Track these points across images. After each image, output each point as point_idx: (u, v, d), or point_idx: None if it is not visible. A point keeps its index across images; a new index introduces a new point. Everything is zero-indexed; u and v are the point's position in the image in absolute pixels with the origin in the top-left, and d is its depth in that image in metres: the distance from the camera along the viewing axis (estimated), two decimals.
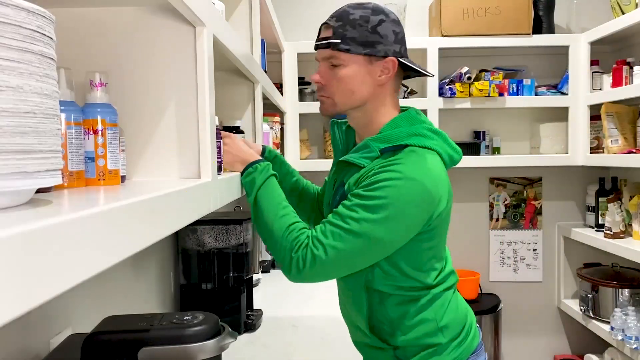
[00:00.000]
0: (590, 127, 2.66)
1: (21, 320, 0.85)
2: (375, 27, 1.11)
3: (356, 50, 1.11)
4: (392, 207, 1.03)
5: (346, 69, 1.13)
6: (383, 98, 1.17)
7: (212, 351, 0.84)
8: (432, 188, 1.05)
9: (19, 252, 0.33)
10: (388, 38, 1.12)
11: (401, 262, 1.11)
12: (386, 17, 1.13)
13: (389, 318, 1.14)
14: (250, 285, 1.77)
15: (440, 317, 1.15)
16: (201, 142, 0.87)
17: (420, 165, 1.06)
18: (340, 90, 1.15)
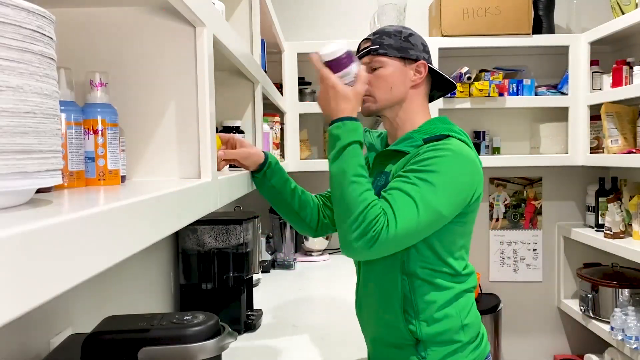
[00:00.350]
0: (590, 127, 2.66)
1: (21, 320, 0.85)
2: (407, 37, 1.30)
3: (392, 54, 1.28)
4: (448, 180, 1.13)
5: (384, 69, 1.28)
6: (416, 99, 1.31)
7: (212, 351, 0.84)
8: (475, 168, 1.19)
9: (19, 252, 0.33)
10: (418, 46, 1.31)
11: (436, 244, 1.19)
12: (415, 33, 1.33)
13: (417, 308, 1.20)
14: (250, 285, 1.77)
15: (465, 316, 1.22)
16: (201, 142, 0.87)
17: (463, 147, 1.19)
18: (380, 87, 1.29)
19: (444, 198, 1.12)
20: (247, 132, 1.54)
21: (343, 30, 2.96)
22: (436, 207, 1.11)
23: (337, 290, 2.16)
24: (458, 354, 1.20)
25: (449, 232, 1.20)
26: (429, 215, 1.11)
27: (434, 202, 1.11)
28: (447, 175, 1.13)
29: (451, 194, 1.13)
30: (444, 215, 1.13)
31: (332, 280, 2.36)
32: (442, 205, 1.12)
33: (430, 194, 1.11)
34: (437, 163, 1.14)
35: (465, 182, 1.16)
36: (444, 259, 1.20)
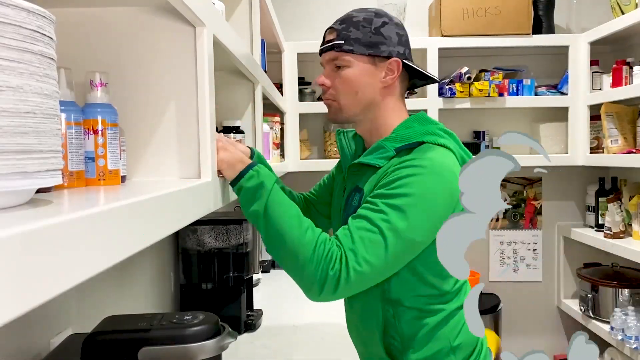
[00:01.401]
0: (590, 127, 2.66)
1: (21, 320, 0.85)
2: (378, 29, 1.11)
3: (359, 51, 1.11)
4: (421, 202, 0.99)
5: (350, 70, 1.12)
6: (389, 102, 1.15)
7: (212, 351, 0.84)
8: (453, 182, 1.01)
9: (19, 252, 0.33)
10: (392, 39, 1.12)
11: (420, 268, 1.07)
12: (389, 20, 1.14)
13: (402, 334, 1.10)
14: (250, 285, 1.77)
15: (454, 337, 1.10)
16: (201, 142, 0.87)
17: (439, 161, 1.04)
18: (344, 91, 1.13)
19: (417, 224, 0.99)
20: (247, 132, 1.54)
21: None
22: (408, 235, 0.98)
23: None
24: None
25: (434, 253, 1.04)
26: (400, 246, 0.98)
27: (405, 230, 0.98)
28: (420, 198, 0.99)
29: (425, 218, 1.00)
30: (418, 242, 1.01)
31: None
32: (415, 233, 0.99)
33: (400, 222, 0.98)
34: (407, 184, 1.00)
35: (443, 202, 1.01)
36: (429, 281, 1.08)
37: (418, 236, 1.00)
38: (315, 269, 0.95)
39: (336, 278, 0.95)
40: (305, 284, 0.98)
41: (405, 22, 2.79)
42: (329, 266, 0.95)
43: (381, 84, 1.13)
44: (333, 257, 0.96)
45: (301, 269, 0.96)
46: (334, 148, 2.82)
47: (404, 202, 0.99)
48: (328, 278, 0.95)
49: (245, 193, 0.98)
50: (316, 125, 2.96)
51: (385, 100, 1.15)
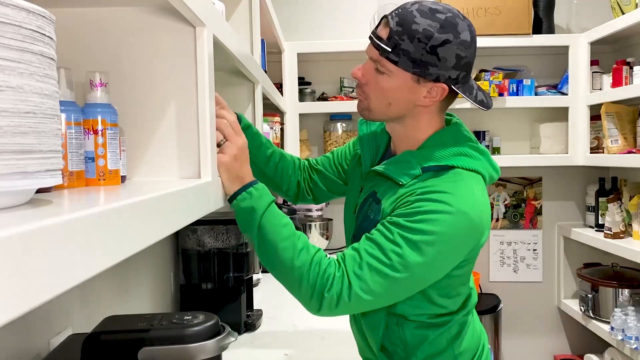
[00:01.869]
0: (590, 127, 2.66)
1: (21, 320, 0.85)
2: (435, 48, 0.97)
3: (404, 66, 0.99)
4: (440, 244, 0.94)
5: (389, 80, 1.02)
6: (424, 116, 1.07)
7: (212, 351, 0.84)
8: (478, 221, 0.98)
9: (18, 252, 0.33)
10: (446, 62, 0.98)
11: (429, 289, 1.03)
12: (454, 38, 0.98)
13: (405, 342, 1.07)
14: (250, 285, 1.77)
15: (458, 345, 1.09)
16: (201, 142, 0.87)
17: (468, 196, 0.97)
18: (377, 97, 1.05)
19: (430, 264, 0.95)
20: None
21: (343, 30, 2.96)
22: (419, 272, 0.95)
23: None
24: None
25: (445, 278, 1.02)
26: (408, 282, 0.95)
27: (417, 268, 0.94)
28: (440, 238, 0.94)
29: (441, 259, 0.96)
30: (428, 279, 0.98)
31: None
32: (428, 271, 0.96)
33: (413, 259, 0.93)
34: (429, 221, 0.93)
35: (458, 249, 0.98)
36: (436, 302, 1.05)
37: (428, 275, 0.97)
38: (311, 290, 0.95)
39: (335, 298, 0.94)
40: (303, 302, 0.99)
41: None
42: (324, 288, 0.95)
43: (418, 103, 1.04)
44: (330, 278, 0.95)
45: (297, 288, 0.97)
46: (334, 148, 2.82)
47: (421, 239, 0.93)
48: (324, 299, 0.95)
49: (240, 213, 0.97)
50: (316, 125, 2.96)
51: (420, 116, 1.07)
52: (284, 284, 1.00)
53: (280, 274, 0.98)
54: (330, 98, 2.83)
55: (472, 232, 0.98)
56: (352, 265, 0.96)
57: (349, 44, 2.71)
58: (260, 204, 0.96)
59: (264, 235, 0.95)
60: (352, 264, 0.96)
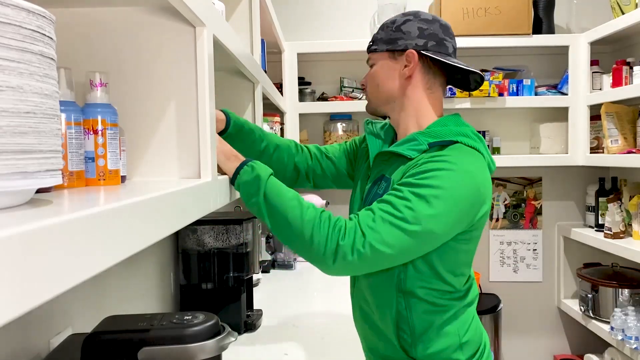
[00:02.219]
0: (590, 127, 2.66)
1: (21, 320, 0.85)
2: (399, 26, 1.17)
3: (380, 48, 1.20)
4: (446, 198, 1.00)
5: (375, 67, 1.22)
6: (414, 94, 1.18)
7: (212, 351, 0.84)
8: (481, 185, 1.06)
9: (18, 252, 0.33)
10: (411, 34, 1.16)
11: (436, 262, 1.09)
12: (414, 17, 1.18)
13: (413, 327, 1.12)
14: (250, 285, 1.77)
15: (463, 333, 1.13)
16: (201, 142, 0.87)
17: (471, 161, 1.07)
18: (370, 86, 1.23)
19: (439, 217, 1.00)
20: None
21: (343, 30, 2.96)
22: (429, 226, 0.99)
23: (337, 290, 2.16)
24: None
25: (452, 250, 1.09)
26: (419, 235, 0.99)
27: (426, 220, 0.99)
28: (446, 192, 1.00)
29: (448, 212, 1.01)
30: (437, 234, 1.01)
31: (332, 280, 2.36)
32: (436, 225, 1.00)
33: (423, 212, 0.99)
34: (436, 177, 1.01)
35: (468, 200, 1.03)
36: (443, 277, 1.10)
37: (438, 228, 1.01)
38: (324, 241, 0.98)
39: (350, 248, 0.97)
40: (316, 258, 0.99)
41: None
42: (338, 236, 0.98)
43: (402, 76, 1.18)
44: (342, 228, 0.99)
45: (309, 244, 0.98)
46: None
47: (429, 193, 1.00)
48: (339, 247, 0.97)
49: (244, 187, 1.02)
50: (316, 125, 2.96)
51: (409, 93, 1.19)
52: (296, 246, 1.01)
53: (291, 235, 1.00)
54: (330, 98, 2.83)
55: (476, 193, 1.05)
56: (365, 219, 1.00)
57: (349, 44, 2.71)
58: (262, 173, 1.02)
59: (270, 200, 1.00)
60: (365, 219, 1.00)
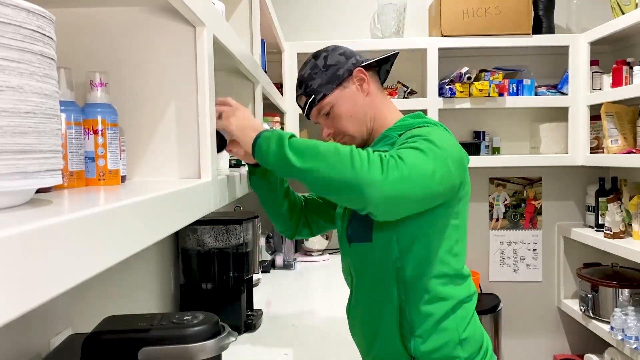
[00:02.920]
0: (590, 127, 2.66)
1: (21, 320, 0.85)
2: (326, 65, 1.26)
3: (328, 91, 1.25)
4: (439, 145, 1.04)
5: (334, 109, 1.26)
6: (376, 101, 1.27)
7: (212, 351, 0.84)
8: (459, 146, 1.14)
9: (18, 252, 0.33)
10: (341, 61, 1.26)
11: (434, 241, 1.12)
12: (327, 52, 1.28)
13: (411, 322, 1.13)
14: (250, 285, 1.77)
15: (463, 329, 1.13)
16: (201, 142, 0.87)
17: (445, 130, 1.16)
18: (346, 124, 1.26)
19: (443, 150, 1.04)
20: None
21: (343, 30, 2.96)
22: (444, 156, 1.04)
23: (337, 290, 2.16)
24: None
25: (443, 225, 1.13)
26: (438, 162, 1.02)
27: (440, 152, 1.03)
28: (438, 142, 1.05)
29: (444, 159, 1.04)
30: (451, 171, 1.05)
31: (332, 280, 2.36)
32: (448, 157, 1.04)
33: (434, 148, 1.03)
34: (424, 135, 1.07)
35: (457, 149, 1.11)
36: (441, 257, 1.12)
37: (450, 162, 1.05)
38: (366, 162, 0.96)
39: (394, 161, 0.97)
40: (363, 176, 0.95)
41: (405, 22, 2.79)
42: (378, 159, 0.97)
43: (362, 94, 1.26)
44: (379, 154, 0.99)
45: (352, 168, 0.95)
46: None
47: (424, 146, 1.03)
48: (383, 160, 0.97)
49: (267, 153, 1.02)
50: (316, 125, 2.96)
51: (374, 103, 1.27)
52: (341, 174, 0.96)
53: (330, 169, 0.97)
54: None
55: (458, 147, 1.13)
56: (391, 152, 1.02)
57: (349, 44, 2.70)
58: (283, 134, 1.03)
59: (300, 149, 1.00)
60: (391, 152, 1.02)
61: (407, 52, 2.81)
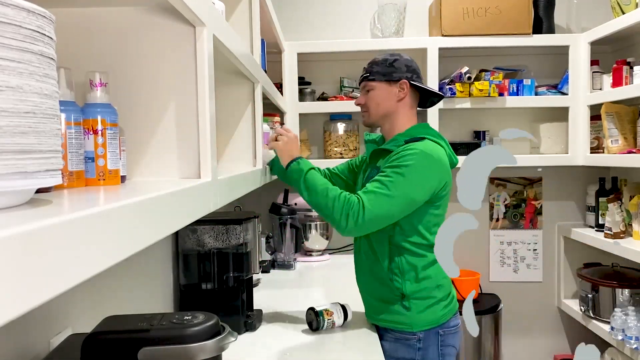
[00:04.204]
0: (590, 127, 2.65)
1: (21, 320, 0.85)
2: (392, 63, 1.66)
3: (379, 79, 1.66)
4: (415, 169, 1.48)
5: (374, 91, 1.67)
6: (403, 110, 1.66)
7: (212, 351, 0.84)
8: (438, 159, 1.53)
9: (18, 252, 0.33)
10: (401, 69, 1.65)
11: (416, 222, 1.55)
12: (400, 57, 1.68)
13: (402, 270, 1.57)
14: (250, 285, 1.77)
15: (439, 278, 1.59)
16: (201, 142, 0.87)
17: (431, 149, 1.54)
18: (371, 105, 1.68)
19: (412, 185, 1.47)
20: (247, 132, 1.54)
21: (343, 30, 2.96)
22: (406, 192, 1.47)
23: (337, 290, 2.16)
24: (434, 307, 1.58)
25: (427, 214, 1.56)
26: (399, 199, 1.46)
27: (404, 188, 1.46)
28: (417, 168, 1.48)
29: (419, 182, 1.48)
30: (414, 199, 1.49)
31: (332, 280, 2.36)
32: (411, 191, 1.48)
33: (401, 183, 1.46)
34: (408, 159, 1.49)
35: (431, 174, 1.51)
36: (421, 233, 1.56)
37: (413, 194, 1.48)
38: (340, 210, 1.46)
39: (355, 216, 1.44)
40: (335, 222, 1.48)
41: (405, 22, 2.79)
42: (349, 208, 1.45)
43: (396, 98, 1.65)
44: (352, 202, 1.45)
45: (331, 212, 1.47)
46: (334, 148, 2.83)
47: (404, 170, 1.48)
48: (349, 216, 1.44)
49: (291, 174, 1.58)
50: (316, 125, 2.96)
51: (400, 110, 1.66)
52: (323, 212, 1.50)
53: (320, 204, 1.50)
54: (330, 98, 2.83)
55: (436, 165, 1.52)
56: (363, 194, 1.48)
57: (349, 44, 2.71)
58: (305, 166, 1.58)
59: (308, 182, 1.53)
60: (363, 194, 1.48)
61: (407, 52, 2.80)
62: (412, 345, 1.57)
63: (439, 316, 1.58)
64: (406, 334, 1.58)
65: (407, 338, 1.58)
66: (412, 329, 1.57)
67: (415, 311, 1.56)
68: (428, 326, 1.57)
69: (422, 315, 1.56)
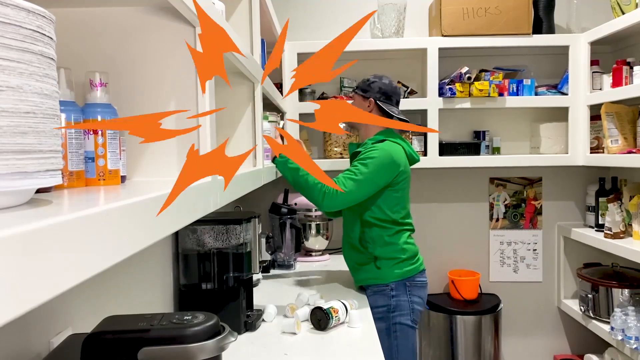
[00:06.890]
0: (590, 127, 2.66)
1: (21, 320, 0.85)
2: (369, 84, 2.14)
3: (358, 92, 2.17)
4: (375, 162, 1.98)
5: (353, 101, 2.20)
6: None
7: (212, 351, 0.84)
8: (394, 156, 2.02)
9: (18, 252, 0.33)
10: (374, 90, 2.13)
11: (380, 203, 2.05)
12: (378, 80, 2.14)
13: (372, 238, 2.06)
14: (250, 285, 1.77)
15: (402, 243, 2.07)
16: (201, 142, 0.87)
17: (390, 147, 2.03)
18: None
19: (373, 172, 1.97)
20: (247, 132, 1.54)
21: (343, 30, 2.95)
22: (368, 176, 1.96)
23: (337, 290, 2.16)
24: (400, 264, 2.05)
25: (388, 197, 2.05)
26: (366, 183, 1.96)
27: (366, 174, 1.96)
28: (377, 160, 1.98)
29: (379, 170, 1.98)
30: (376, 182, 1.98)
31: (332, 280, 2.36)
32: (374, 177, 1.97)
33: (364, 169, 1.96)
34: (371, 154, 1.99)
35: (387, 164, 1.99)
36: (385, 212, 2.05)
37: (375, 178, 1.98)
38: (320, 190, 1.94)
39: (330, 194, 1.93)
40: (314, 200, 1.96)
41: (405, 22, 2.79)
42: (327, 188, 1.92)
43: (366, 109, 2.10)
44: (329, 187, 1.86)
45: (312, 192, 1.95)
46: (334, 148, 2.83)
47: (368, 162, 1.98)
48: (326, 195, 1.94)
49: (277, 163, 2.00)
50: None
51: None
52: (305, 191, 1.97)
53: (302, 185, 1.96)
54: (330, 98, 2.83)
55: (392, 158, 2.01)
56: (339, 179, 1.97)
57: (349, 44, 2.70)
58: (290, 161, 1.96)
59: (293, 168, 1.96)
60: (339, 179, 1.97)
61: (407, 52, 2.81)
62: (386, 294, 2.04)
63: (405, 271, 2.04)
64: (381, 286, 2.05)
65: (382, 289, 2.05)
66: (385, 281, 2.04)
67: (386, 268, 2.04)
68: (397, 278, 2.03)
69: (391, 270, 2.04)
